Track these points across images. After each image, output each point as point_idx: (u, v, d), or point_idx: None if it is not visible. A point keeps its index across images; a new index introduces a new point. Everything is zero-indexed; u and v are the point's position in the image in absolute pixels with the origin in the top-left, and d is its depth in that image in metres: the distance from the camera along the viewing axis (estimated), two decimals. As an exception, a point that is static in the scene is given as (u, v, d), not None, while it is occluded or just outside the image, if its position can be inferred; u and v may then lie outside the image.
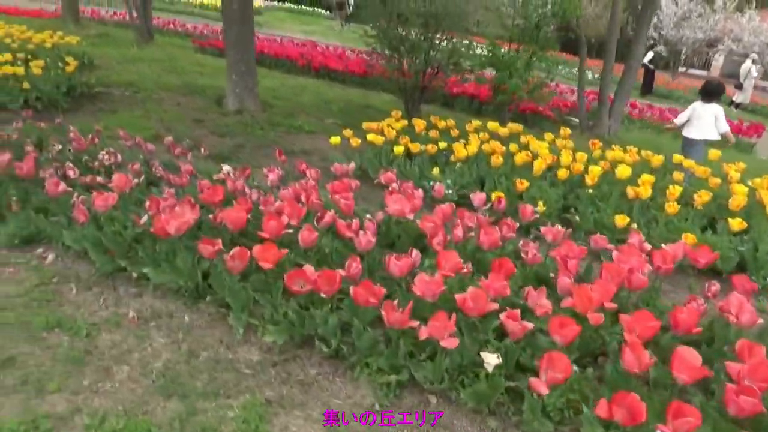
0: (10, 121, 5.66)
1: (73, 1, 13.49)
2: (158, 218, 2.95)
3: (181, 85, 8.41)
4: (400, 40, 6.85)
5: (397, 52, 6.90)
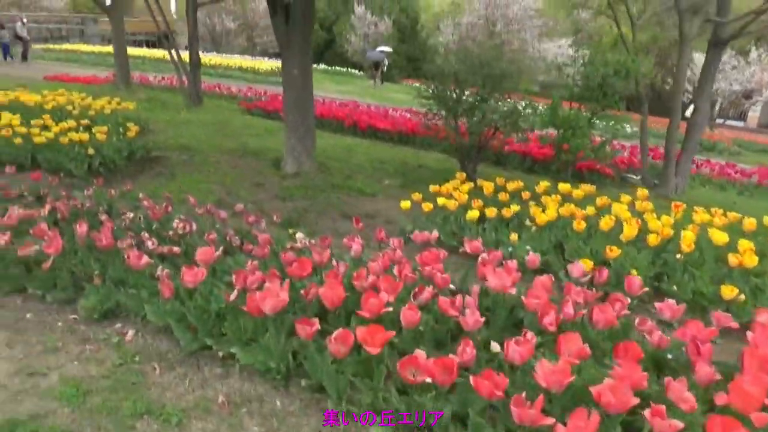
0: (75, 187, 5.71)
1: (124, 67, 14.01)
2: (251, 296, 2.80)
3: (235, 147, 8.49)
4: (456, 101, 6.82)
5: (454, 113, 6.86)
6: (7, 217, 3.87)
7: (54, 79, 17.08)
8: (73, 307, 3.61)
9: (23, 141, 6.49)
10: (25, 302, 3.65)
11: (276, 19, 6.40)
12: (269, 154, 8.02)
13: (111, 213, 4.74)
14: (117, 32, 13.73)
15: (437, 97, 7.01)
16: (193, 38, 12.44)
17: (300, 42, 6.40)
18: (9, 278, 3.70)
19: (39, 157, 6.51)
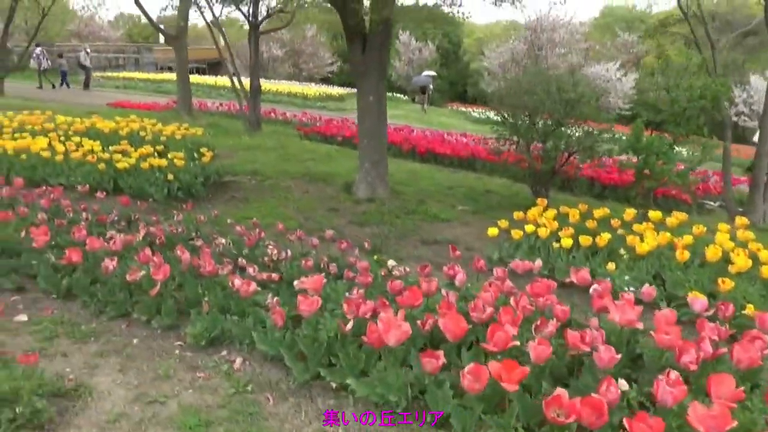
0: (158, 212, 5.81)
1: (187, 94, 14.44)
2: (371, 326, 2.74)
3: (302, 172, 8.57)
4: (531, 127, 6.74)
5: (527, 138, 6.78)
6: (113, 243, 3.94)
7: (116, 105, 17.72)
8: (176, 333, 3.63)
9: (106, 167, 6.68)
10: (130, 327, 3.69)
11: (352, 47, 6.48)
12: (337, 179, 8.06)
13: (202, 238, 4.81)
14: (180, 61, 14.19)
15: (508, 123, 6.95)
16: (255, 66, 12.74)
17: (377, 69, 6.46)
18: (115, 303, 3.75)
19: (121, 182, 6.69)
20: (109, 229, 4.82)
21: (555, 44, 34.17)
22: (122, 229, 4.93)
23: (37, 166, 6.87)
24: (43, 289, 4.07)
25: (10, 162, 6.95)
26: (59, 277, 4.00)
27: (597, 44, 38.52)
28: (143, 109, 16.46)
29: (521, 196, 8.08)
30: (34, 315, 3.78)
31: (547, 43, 34.65)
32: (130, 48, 40.42)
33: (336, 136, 12.61)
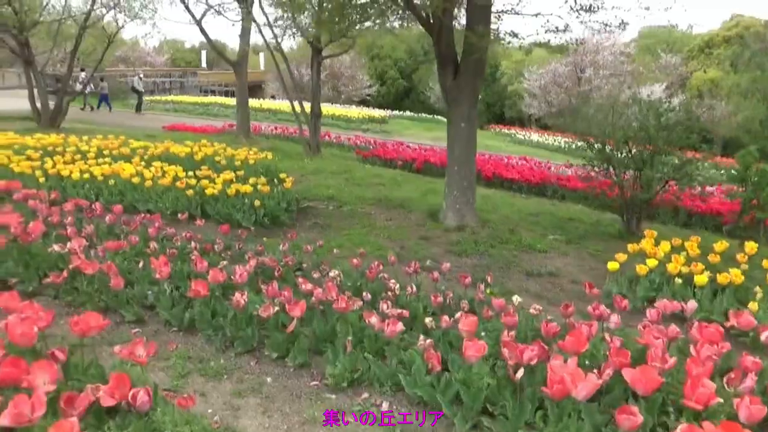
0: (244, 240, 5.67)
1: (245, 118, 14.59)
2: (552, 377, 2.54)
3: (376, 197, 8.46)
4: (624, 158, 6.55)
5: (624, 167, 6.57)
6: (239, 275, 3.84)
7: (172, 129, 18.05)
8: (308, 371, 3.49)
9: (194, 192, 6.67)
10: (259, 364, 3.56)
11: (444, 72, 6.38)
12: (414, 205, 7.92)
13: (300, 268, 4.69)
14: (241, 85, 14.37)
15: (597, 150, 6.76)
16: (316, 90, 12.81)
17: (469, 95, 6.34)
18: (243, 339, 3.64)
19: (208, 208, 6.67)
20: (214, 258, 4.74)
21: (599, 66, 33.77)
22: (228, 258, 4.84)
23: (126, 192, 6.90)
24: (164, 320, 3.98)
25: (98, 187, 7.00)
26: (182, 310, 3.91)
27: (640, 66, 37.95)
28: (199, 132, 16.70)
29: (604, 224, 7.83)
30: (160, 349, 3.68)
31: (591, 66, 34.28)
32: (176, 72, 41.49)
33: (395, 159, 12.54)
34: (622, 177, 6.74)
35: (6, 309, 3.06)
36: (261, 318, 3.56)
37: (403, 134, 25.83)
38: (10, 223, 4.81)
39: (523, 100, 39.43)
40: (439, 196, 8.97)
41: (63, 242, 4.68)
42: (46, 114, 15.18)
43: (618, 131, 6.48)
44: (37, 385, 2.35)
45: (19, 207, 5.55)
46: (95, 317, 2.89)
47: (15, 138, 9.72)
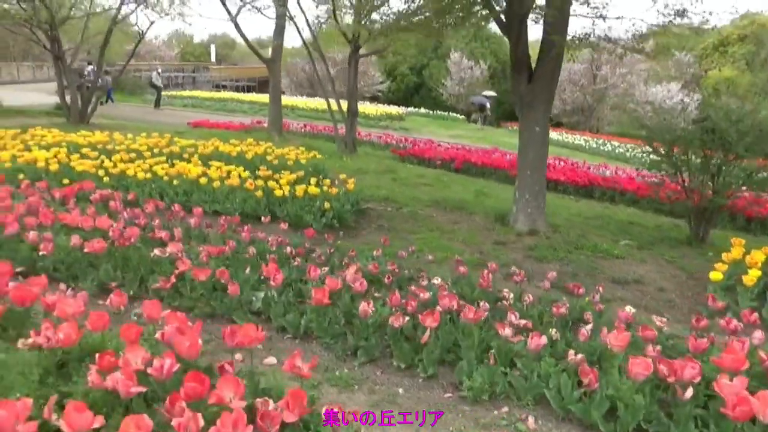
0: (317, 242, 5.61)
1: (278, 116, 14.54)
2: (743, 401, 2.50)
3: (431, 199, 8.42)
4: (695, 165, 6.53)
5: (694, 173, 6.55)
6: (359, 284, 3.81)
7: (197, 125, 17.99)
8: (437, 382, 3.46)
9: (263, 194, 6.63)
10: (386, 374, 3.53)
11: (518, 77, 6.34)
12: (472, 208, 7.89)
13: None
14: (274, 81, 14.31)
15: (668, 157, 6.75)
16: (353, 87, 12.76)
17: (545, 100, 6.30)
18: (367, 348, 3.60)
19: (278, 210, 6.63)
20: (310, 264, 4.71)
21: (616, 64, 33.62)
22: (323, 264, 4.81)
23: (192, 192, 6.86)
24: (277, 327, 3.95)
25: (161, 188, 6.96)
26: (297, 316, 3.88)
27: (655, 64, 37.78)
28: (227, 129, 16.65)
29: (666, 228, 7.80)
30: (279, 357, 3.66)
31: (607, 63, 34.15)
32: (188, 67, 41.41)
33: (433, 159, 12.48)
34: (691, 183, 6.71)
35: (149, 318, 3.04)
36: (391, 327, 3.53)
37: (421, 132, 25.73)
38: (104, 227, 4.79)
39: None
40: (491, 199, 8.96)
41: (155, 245, 4.67)
42: (75, 109, 15.14)
43: (694, 138, 6.44)
44: (227, 401, 2.32)
45: (98, 209, 5.52)
46: (251, 328, 2.85)
47: (61, 135, 9.68)
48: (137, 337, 2.60)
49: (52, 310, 2.93)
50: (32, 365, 2.53)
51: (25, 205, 5.19)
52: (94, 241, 4.32)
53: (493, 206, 7.95)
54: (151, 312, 3.01)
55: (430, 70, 48.11)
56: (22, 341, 2.59)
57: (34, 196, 5.48)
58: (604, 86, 35.02)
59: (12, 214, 4.88)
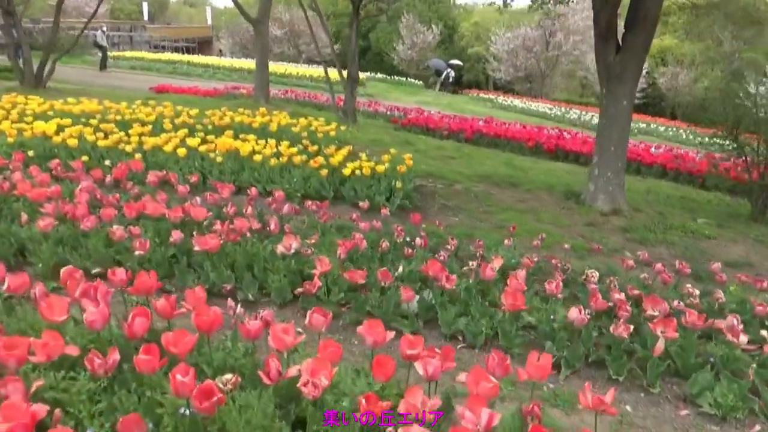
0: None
1: (265, 82, 13.52)
2: None
3: (474, 174, 7.99)
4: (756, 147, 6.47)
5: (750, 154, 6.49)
6: (556, 285, 3.35)
7: (161, 90, 16.60)
8: (663, 396, 3.10)
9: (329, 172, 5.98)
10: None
11: (605, 47, 5.92)
12: (528, 184, 7.53)
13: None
14: (262, 44, 13.24)
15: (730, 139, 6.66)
16: (355, 52, 11.96)
17: (634, 72, 5.93)
18: (569, 360, 3.19)
19: (343, 189, 6.01)
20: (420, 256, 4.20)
21: (569, 31, 33.91)
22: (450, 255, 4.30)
23: (243, 170, 6.10)
24: (447, 334, 3.45)
25: (203, 166, 6.15)
26: (476, 323, 3.39)
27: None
28: (202, 96, 15.45)
29: (724, 205, 7.75)
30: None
31: (561, 30, 34.37)
32: (125, 26, 38.46)
33: (439, 129, 11.96)
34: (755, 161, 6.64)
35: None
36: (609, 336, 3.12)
37: (387, 98, 24.99)
38: (198, 217, 4.07)
39: (489, 64, 39.15)
40: (531, 173, 8.61)
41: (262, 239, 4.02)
42: (30, 73, 13.49)
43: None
44: None
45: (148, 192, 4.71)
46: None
47: (44, 102, 8.46)
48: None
49: (255, 336, 2.34)
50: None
51: (82, 192, 4.36)
52: (207, 237, 3.63)
53: (545, 181, 7.62)
54: (374, 333, 2.42)
55: (377, 34, 46.89)
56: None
57: (87, 180, 4.61)
58: (557, 53, 35.31)
59: (78, 204, 4.05)
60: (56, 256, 3.80)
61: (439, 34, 41.98)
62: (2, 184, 4.40)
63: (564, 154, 10.51)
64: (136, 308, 2.39)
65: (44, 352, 2.14)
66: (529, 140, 10.87)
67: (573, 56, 35.68)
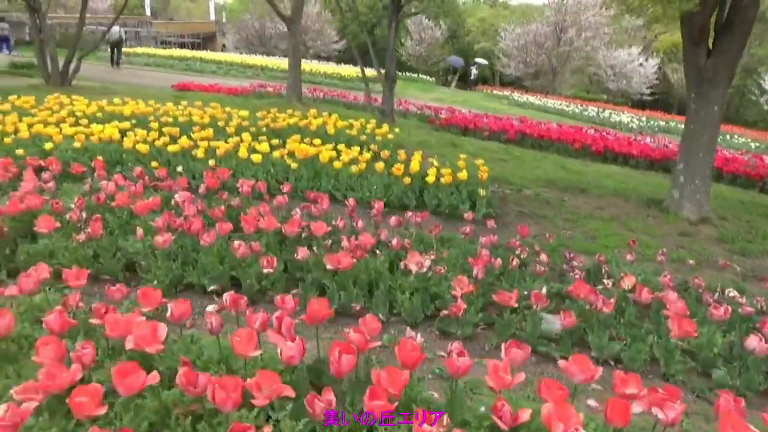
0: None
1: (297, 80, 13.28)
2: None
3: (538, 178, 7.79)
4: None
5: None
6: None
7: (183, 88, 16.30)
8: None
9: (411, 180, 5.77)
10: None
11: (697, 51, 5.72)
12: (597, 190, 7.34)
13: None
14: (295, 43, 12.99)
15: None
16: (392, 50, 11.73)
17: (727, 75, 5.73)
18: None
19: (426, 197, 5.81)
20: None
21: (582, 27, 33.68)
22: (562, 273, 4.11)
23: (318, 178, 5.89)
24: (597, 358, 3.26)
25: (278, 172, 5.92)
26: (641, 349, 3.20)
27: (613, 29, 38.26)
28: (227, 94, 15.16)
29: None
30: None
31: (573, 26, 34.15)
32: (131, 22, 38.03)
33: (479, 129, 11.74)
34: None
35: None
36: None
37: (404, 94, 24.71)
38: (318, 233, 3.86)
39: (498, 60, 38.92)
40: (586, 177, 8.41)
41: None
42: (56, 70, 13.22)
43: None
44: None
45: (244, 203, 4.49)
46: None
47: (86, 104, 8.19)
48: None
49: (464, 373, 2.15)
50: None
51: (185, 203, 4.14)
52: (340, 255, 3.42)
53: (613, 187, 7.43)
54: (583, 369, 2.22)
55: (382, 30, 46.58)
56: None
57: (184, 191, 4.38)
58: (568, 49, 35.09)
59: (190, 217, 3.84)
60: (171, 272, 3.60)
61: (446, 30, 41.76)
62: (98, 195, 4.18)
63: (612, 156, 10.30)
64: (340, 343, 2.19)
65: (264, 395, 1.96)
66: (575, 142, 10.65)
67: (584, 52, 35.48)
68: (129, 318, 2.32)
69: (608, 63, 35.19)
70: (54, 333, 2.30)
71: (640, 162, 10.03)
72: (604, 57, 35.09)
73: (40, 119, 6.78)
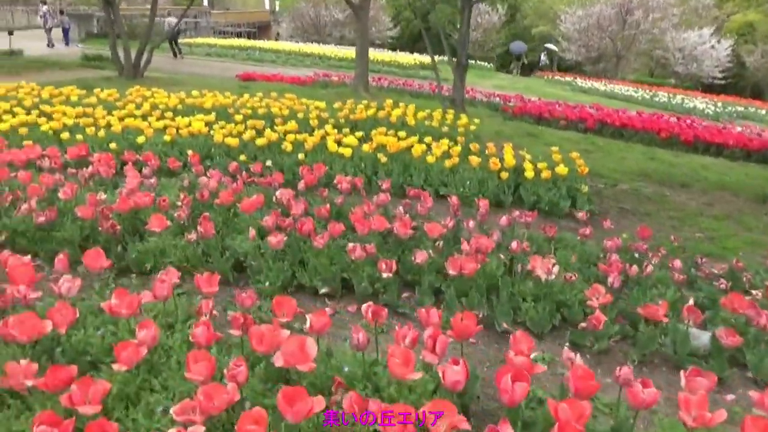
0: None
1: (364, 70, 13.10)
2: None
3: (631, 171, 7.36)
4: None
5: None
6: None
7: (247, 78, 16.38)
8: None
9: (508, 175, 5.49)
10: None
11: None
12: (697, 184, 6.86)
13: None
14: (363, 31, 12.83)
15: None
16: (465, 38, 11.38)
17: None
18: None
19: (523, 193, 5.52)
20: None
21: (649, 9, 32.12)
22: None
23: (409, 171, 5.69)
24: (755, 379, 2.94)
25: (366, 166, 5.75)
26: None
27: (684, 9, 36.37)
28: (290, 83, 15.13)
29: None
30: None
31: (640, 7, 32.59)
32: (191, 12, 38.67)
33: (555, 118, 11.26)
34: None
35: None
36: None
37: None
38: (434, 234, 3.65)
39: (558, 44, 37.63)
40: (680, 169, 7.90)
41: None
42: (128, 62, 13.49)
43: None
44: None
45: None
46: None
47: (166, 96, 8.23)
48: None
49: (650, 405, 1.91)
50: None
51: (293, 202, 4.00)
52: (464, 259, 3.20)
53: (716, 181, 6.94)
54: None
55: (437, 14, 45.75)
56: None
57: (286, 191, 4.24)
58: (633, 32, 33.57)
59: (301, 218, 3.70)
60: (282, 273, 3.47)
61: (504, 14, 40.68)
62: (202, 193, 4.10)
63: (704, 146, 9.67)
64: (508, 369, 1.98)
65: (441, 428, 1.78)
66: (661, 131, 10.04)
67: (651, 35, 33.87)
68: (274, 331, 2.18)
69: (677, 45, 33.47)
70: (201, 347, 2.19)
71: (735, 152, 9.36)
72: (673, 39, 33.38)
73: (128, 112, 6.84)
